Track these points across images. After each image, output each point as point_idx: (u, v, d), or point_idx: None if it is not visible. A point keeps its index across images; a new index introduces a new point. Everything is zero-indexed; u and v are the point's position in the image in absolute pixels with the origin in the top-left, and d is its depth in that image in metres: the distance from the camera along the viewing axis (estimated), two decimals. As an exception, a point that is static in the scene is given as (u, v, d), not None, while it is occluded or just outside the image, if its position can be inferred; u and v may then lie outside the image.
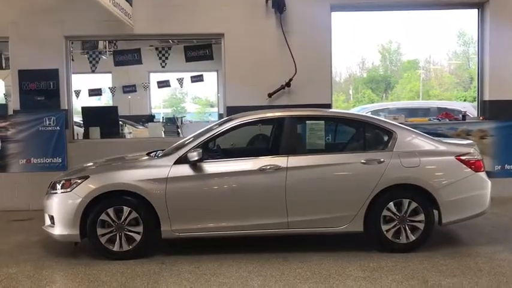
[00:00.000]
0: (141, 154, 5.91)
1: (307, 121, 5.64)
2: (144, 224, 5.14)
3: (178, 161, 5.23)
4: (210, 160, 5.33)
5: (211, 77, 17.04)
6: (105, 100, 19.18)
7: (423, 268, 4.77)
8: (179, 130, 12.69)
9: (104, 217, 5.11)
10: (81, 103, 14.24)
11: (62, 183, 5.27)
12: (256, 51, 7.94)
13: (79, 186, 5.16)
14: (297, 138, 5.60)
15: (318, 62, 8.00)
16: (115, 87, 16.61)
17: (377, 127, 5.59)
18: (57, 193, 5.25)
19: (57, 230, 5.21)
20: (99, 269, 4.88)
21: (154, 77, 16.97)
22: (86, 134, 8.57)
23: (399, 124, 5.81)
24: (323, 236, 5.65)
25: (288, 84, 7.88)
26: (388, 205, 5.21)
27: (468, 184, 5.34)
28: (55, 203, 5.24)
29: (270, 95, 7.90)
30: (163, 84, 16.29)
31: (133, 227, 5.14)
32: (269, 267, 4.88)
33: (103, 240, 5.13)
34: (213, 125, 5.79)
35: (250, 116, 5.65)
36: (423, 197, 5.26)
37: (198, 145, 5.31)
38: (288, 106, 7.46)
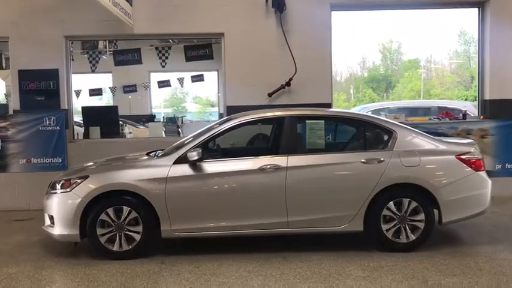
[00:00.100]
0: (141, 154, 5.90)
1: (307, 121, 5.63)
2: (144, 224, 5.13)
3: (177, 161, 5.22)
4: (210, 160, 5.33)
5: (211, 77, 17.02)
6: (106, 100, 19.18)
7: (423, 267, 4.76)
8: (179, 130, 12.70)
9: (104, 217, 5.11)
10: (82, 103, 14.25)
11: (62, 183, 5.27)
12: (256, 50, 7.93)
13: (79, 186, 5.16)
14: (297, 137, 5.59)
15: (318, 62, 7.99)
16: (115, 87, 16.59)
17: (377, 126, 5.58)
18: (56, 193, 5.25)
19: (56, 230, 5.21)
20: (98, 269, 4.88)
21: (154, 77, 16.96)
22: (86, 134, 8.57)
23: (399, 123, 5.80)
24: (323, 236, 5.64)
25: (288, 83, 7.87)
26: (388, 204, 5.21)
27: (468, 183, 5.33)
28: (55, 203, 5.24)
29: (270, 95, 7.89)
30: (163, 84, 16.26)
31: (133, 227, 5.14)
32: (269, 266, 4.87)
33: (103, 240, 5.13)
34: (213, 125, 5.79)
35: (249, 116, 5.64)
36: (423, 197, 5.26)
37: (198, 145, 5.30)
38: (288, 105, 7.46)
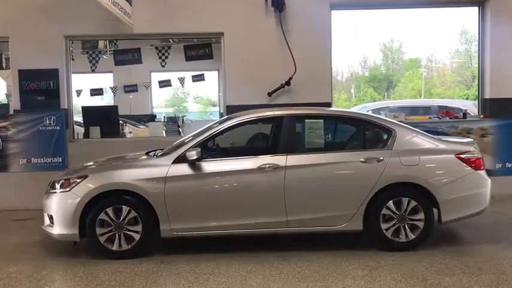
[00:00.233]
0: (141, 153, 5.90)
1: (306, 120, 5.61)
2: (143, 223, 5.13)
3: (177, 160, 5.22)
4: (209, 159, 5.33)
5: (212, 77, 17.02)
6: (107, 100, 19.18)
7: (422, 267, 4.75)
8: (180, 129, 12.72)
9: (103, 216, 5.11)
10: (83, 103, 14.27)
11: (61, 182, 5.27)
12: (255, 50, 7.92)
13: (78, 185, 5.16)
14: (296, 136, 5.59)
15: (318, 61, 7.96)
16: (116, 86, 16.60)
17: (376, 125, 5.57)
18: (56, 192, 5.26)
19: (56, 230, 5.21)
20: (98, 268, 4.88)
21: (155, 77, 16.97)
22: (86, 134, 8.57)
23: (399, 122, 5.78)
24: (322, 235, 5.64)
25: (288, 83, 7.86)
26: (388, 204, 5.20)
27: (468, 182, 5.32)
28: (54, 203, 5.24)
29: (270, 94, 7.88)
30: (164, 83, 16.28)
31: (132, 226, 5.14)
32: (268, 266, 4.87)
33: (102, 239, 5.13)
34: (212, 124, 5.79)
35: (249, 115, 5.63)
36: (423, 196, 5.25)
37: (197, 144, 5.30)
38: (288, 105, 7.45)
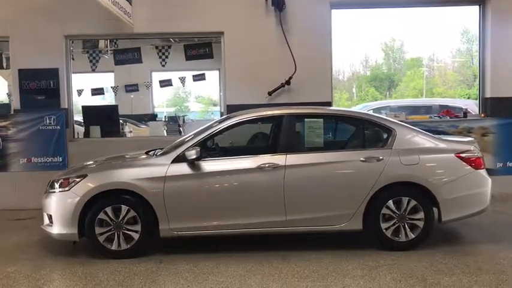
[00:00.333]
0: (142, 153, 5.89)
1: (305, 119, 5.59)
2: (142, 223, 5.13)
3: (176, 160, 5.21)
4: (208, 158, 5.31)
5: (213, 76, 16.99)
6: (109, 99, 19.16)
7: (422, 266, 4.74)
8: (181, 129, 12.73)
9: (102, 216, 5.10)
10: (85, 102, 14.25)
11: (60, 182, 5.27)
12: (255, 49, 7.90)
13: (77, 185, 5.15)
14: (296, 136, 5.58)
15: (318, 60, 7.95)
16: (117, 86, 16.57)
17: (376, 125, 5.56)
18: (55, 192, 5.25)
19: (55, 229, 5.21)
20: (97, 268, 4.87)
21: (156, 76, 16.95)
22: (87, 133, 8.56)
23: (398, 121, 5.77)
24: (322, 234, 5.62)
25: (288, 82, 7.84)
26: (388, 203, 5.19)
27: (468, 182, 5.30)
28: (53, 202, 5.24)
29: (270, 93, 7.86)
30: (165, 83, 16.26)
31: (131, 226, 5.13)
32: (267, 265, 4.86)
33: (101, 239, 5.12)
34: (212, 124, 5.77)
35: (248, 114, 5.62)
36: (423, 195, 5.23)
37: (196, 143, 5.29)
38: (288, 104, 7.43)
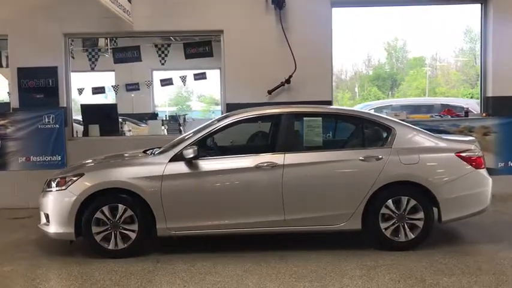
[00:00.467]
0: (141, 151, 5.85)
1: (304, 118, 5.54)
2: (139, 222, 5.08)
3: (173, 159, 5.17)
4: (206, 157, 5.27)
5: (215, 75, 16.95)
6: (111, 98, 19.14)
7: (421, 266, 4.69)
8: (181, 128, 12.67)
9: (99, 215, 5.07)
10: (86, 101, 14.21)
11: (57, 181, 5.23)
12: (255, 47, 7.86)
13: (74, 183, 5.12)
14: (294, 135, 5.52)
15: (318, 58, 7.90)
16: (118, 85, 16.53)
17: (376, 123, 5.51)
18: (52, 191, 5.22)
19: (52, 228, 5.17)
20: (93, 268, 4.84)
21: (157, 75, 16.91)
22: (86, 132, 8.53)
23: (398, 120, 5.71)
24: (321, 234, 5.58)
25: (288, 81, 7.80)
26: (387, 203, 5.14)
27: (468, 181, 5.25)
28: (50, 201, 5.20)
29: (270, 92, 7.82)
30: (166, 82, 16.21)
31: (128, 225, 5.10)
32: (265, 265, 4.82)
33: (98, 238, 5.09)
34: (210, 122, 5.73)
35: (246, 113, 5.58)
36: (422, 195, 5.18)
37: (194, 142, 5.25)
38: (288, 103, 7.39)
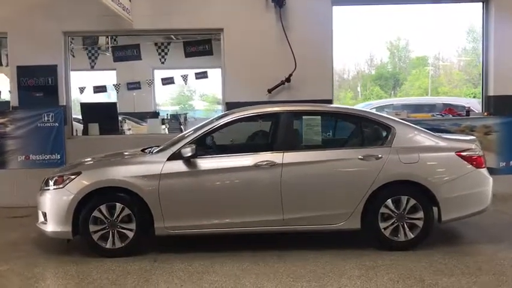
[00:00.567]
0: (139, 150, 5.83)
1: (303, 116, 5.50)
2: (137, 221, 5.06)
3: (172, 157, 5.14)
4: (205, 156, 5.25)
5: (217, 74, 16.89)
6: (113, 97, 19.11)
7: (421, 267, 4.65)
8: (182, 127, 12.64)
9: (97, 214, 5.04)
10: (87, 100, 14.19)
11: (55, 179, 5.22)
12: (255, 46, 7.82)
13: (72, 182, 5.10)
14: (293, 133, 5.48)
15: (319, 57, 7.87)
16: (119, 84, 16.51)
17: (375, 122, 5.47)
18: (49, 189, 5.20)
19: (49, 227, 5.15)
20: (90, 267, 4.81)
21: (158, 74, 16.88)
22: (85, 131, 8.50)
23: (398, 119, 5.67)
24: (320, 233, 5.54)
25: (288, 79, 7.76)
26: (386, 202, 5.10)
27: (469, 181, 5.21)
28: (47, 200, 5.18)
29: (270, 91, 7.78)
30: (167, 81, 16.15)
31: (126, 224, 5.07)
32: (263, 265, 4.79)
33: (95, 237, 5.06)
34: (208, 121, 5.70)
35: (245, 112, 5.55)
36: (422, 194, 5.14)
37: (192, 141, 5.22)
38: (288, 102, 7.35)
